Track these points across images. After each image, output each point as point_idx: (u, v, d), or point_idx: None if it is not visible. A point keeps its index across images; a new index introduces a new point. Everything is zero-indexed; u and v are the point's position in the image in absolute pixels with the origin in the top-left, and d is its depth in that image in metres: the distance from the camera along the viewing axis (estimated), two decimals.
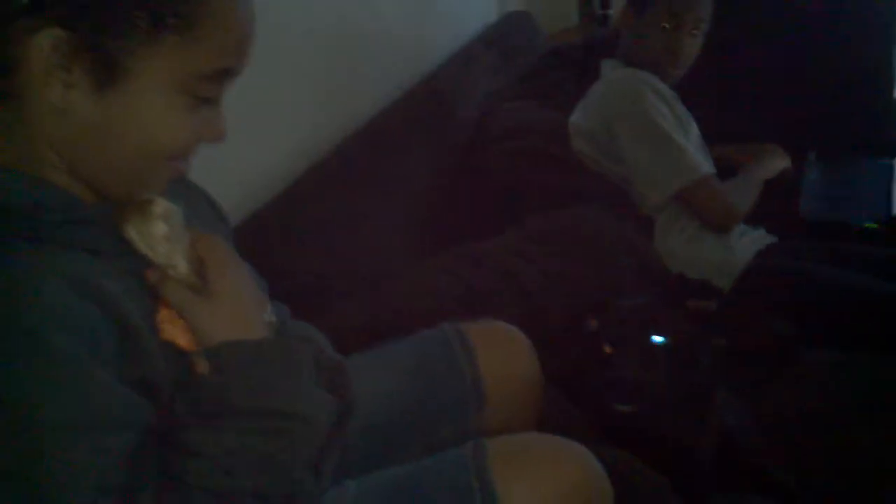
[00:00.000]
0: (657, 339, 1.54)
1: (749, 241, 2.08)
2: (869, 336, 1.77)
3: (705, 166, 2.03)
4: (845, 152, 2.48)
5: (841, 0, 2.57)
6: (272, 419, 0.82)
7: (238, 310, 0.88)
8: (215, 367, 0.83)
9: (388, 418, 1.20)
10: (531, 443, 1.09)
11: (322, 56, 1.94)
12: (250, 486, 0.80)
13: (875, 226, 2.19)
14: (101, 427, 0.74)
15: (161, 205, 0.85)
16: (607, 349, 1.53)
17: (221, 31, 0.80)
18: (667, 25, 2.07)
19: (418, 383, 1.23)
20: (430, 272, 1.74)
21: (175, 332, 0.84)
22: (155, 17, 0.76)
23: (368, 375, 1.20)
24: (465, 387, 1.22)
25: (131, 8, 0.75)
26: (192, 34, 0.78)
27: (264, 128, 1.69)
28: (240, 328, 0.86)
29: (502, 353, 1.27)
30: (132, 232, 0.83)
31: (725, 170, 2.19)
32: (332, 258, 1.68)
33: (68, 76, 0.75)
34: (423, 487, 1.03)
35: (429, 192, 2.11)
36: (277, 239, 1.59)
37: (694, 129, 2.16)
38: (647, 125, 2.01)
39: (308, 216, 1.69)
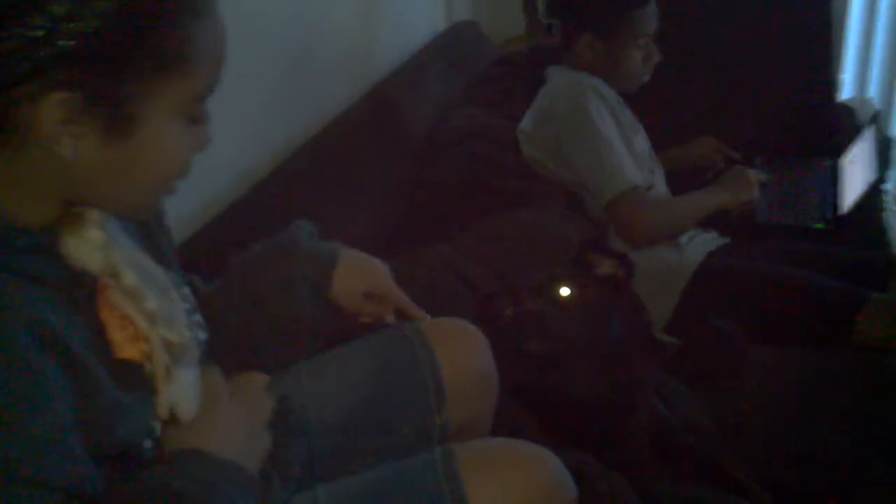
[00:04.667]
0: (564, 291, 1.57)
1: (699, 243, 2.10)
2: (817, 332, 1.81)
3: (635, 177, 2.00)
4: (791, 156, 2.53)
5: (782, 7, 2.62)
6: None
7: (214, 439, 0.87)
8: (172, 463, 0.83)
9: (349, 417, 1.20)
10: (499, 448, 1.11)
11: (275, 66, 1.94)
12: None
13: (822, 226, 2.24)
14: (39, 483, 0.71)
15: (95, 213, 0.83)
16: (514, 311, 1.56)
17: (211, 56, 0.82)
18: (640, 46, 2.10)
19: (378, 382, 1.24)
20: None
21: (125, 345, 0.82)
22: (158, 58, 0.76)
23: (327, 375, 1.20)
24: (425, 384, 1.23)
25: (134, 53, 0.75)
26: (190, 66, 0.79)
27: (220, 136, 1.68)
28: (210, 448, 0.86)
29: (461, 350, 1.28)
30: (69, 243, 0.81)
31: (678, 173, 2.23)
32: None
33: (78, 129, 0.74)
34: (393, 493, 1.04)
35: (382, 198, 2.11)
36: (230, 247, 1.57)
37: (640, 136, 2.18)
38: (588, 129, 2.01)
39: (260, 225, 1.67)
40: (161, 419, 0.85)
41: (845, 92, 3.26)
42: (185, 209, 1.12)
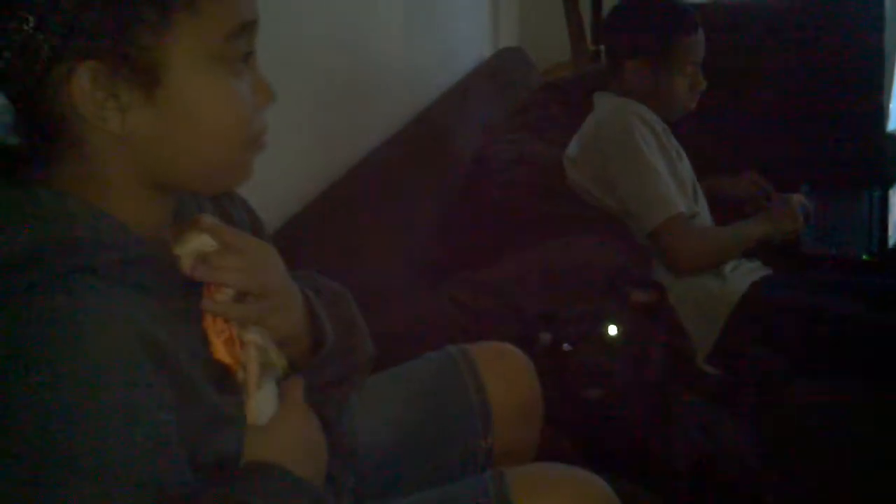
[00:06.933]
0: (612, 330, 1.58)
1: (743, 273, 2.09)
2: (862, 365, 1.79)
3: (680, 204, 2.01)
4: (838, 184, 2.51)
5: (834, 34, 2.61)
6: None
7: (290, 447, 0.89)
8: (251, 478, 0.84)
9: (398, 441, 1.21)
10: (550, 472, 1.12)
11: (325, 91, 1.97)
12: None
13: (868, 257, 2.21)
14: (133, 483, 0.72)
15: (208, 219, 0.86)
16: (565, 348, 1.56)
17: None
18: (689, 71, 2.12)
19: (426, 406, 1.25)
20: (432, 299, 1.76)
21: (222, 349, 0.85)
22: (159, 4, 0.75)
23: (375, 399, 1.21)
24: (472, 407, 1.24)
25: (136, 8, 0.74)
26: (197, 4, 0.77)
27: (267, 161, 1.71)
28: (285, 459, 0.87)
29: (506, 374, 1.30)
30: (184, 248, 0.83)
31: (720, 202, 2.22)
32: None
33: (118, 101, 0.76)
34: None
35: (428, 223, 2.13)
36: None
37: (685, 164, 2.17)
38: (634, 156, 2.02)
39: (311, 248, 1.70)
40: (248, 423, 0.87)
41: (893, 121, 3.23)
42: None
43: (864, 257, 2.22)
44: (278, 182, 1.78)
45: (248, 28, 0.82)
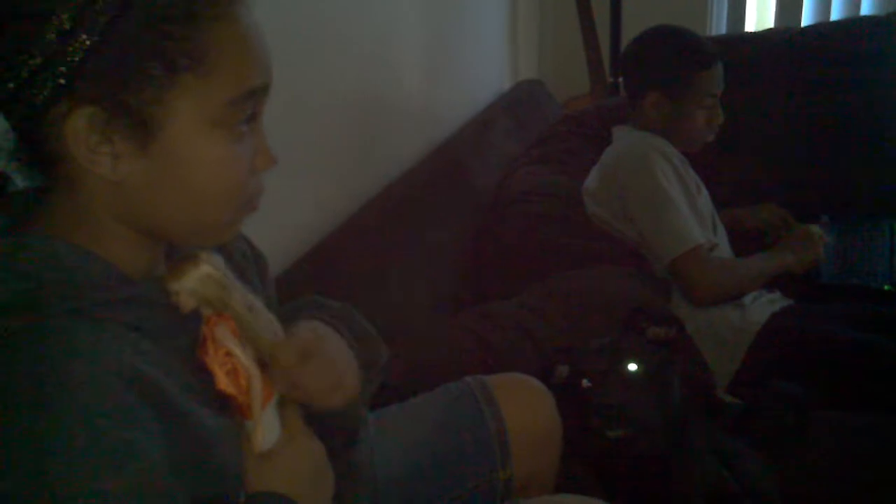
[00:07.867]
0: (632, 367, 1.58)
1: (763, 304, 2.09)
2: (885, 396, 1.78)
3: (699, 236, 2.01)
4: (857, 215, 2.50)
5: (853, 64, 2.61)
6: None
7: (294, 476, 0.90)
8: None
9: (416, 471, 1.22)
10: None
11: (346, 124, 2.00)
12: None
13: (890, 288, 2.20)
14: None
15: (206, 252, 0.85)
16: (585, 384, 1.56)
17: (232, 54, 0.79)
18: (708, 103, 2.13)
19: (444, 436, 1.26)
20: (451, 330, 1.77)
21: (224, 380, 0.85)
22: (167, 62, 0.75)
23: (394, 429, 1.23)
24: (490, 438, 1.25)
25: (143, 61, 0.75)
26: (206, 66, 0.77)
27: (288, 193, 1.73)
28: (292, 489, 0.88)
29: (524, 404, 1.31)
30: (181, 283, 0.82)
31: (740, 233, 2.22)
32: None
33: (112, 147, 0.76)
34: None
35: (448, 254, 2.15)
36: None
37: (704, 196, 2.18)
38: (653, 188, 2.03)
39: (330, 279, 1.71)
40: (254, 453, 0.87)
41: None
42: None
43: (886, 288, 2.21)
44: (298, 215, 1.80)
45: (255, 93, 0.82)
